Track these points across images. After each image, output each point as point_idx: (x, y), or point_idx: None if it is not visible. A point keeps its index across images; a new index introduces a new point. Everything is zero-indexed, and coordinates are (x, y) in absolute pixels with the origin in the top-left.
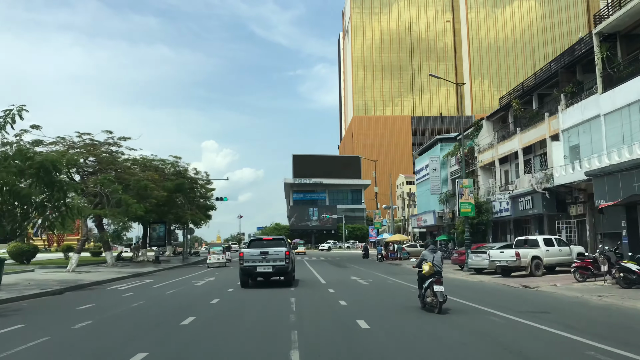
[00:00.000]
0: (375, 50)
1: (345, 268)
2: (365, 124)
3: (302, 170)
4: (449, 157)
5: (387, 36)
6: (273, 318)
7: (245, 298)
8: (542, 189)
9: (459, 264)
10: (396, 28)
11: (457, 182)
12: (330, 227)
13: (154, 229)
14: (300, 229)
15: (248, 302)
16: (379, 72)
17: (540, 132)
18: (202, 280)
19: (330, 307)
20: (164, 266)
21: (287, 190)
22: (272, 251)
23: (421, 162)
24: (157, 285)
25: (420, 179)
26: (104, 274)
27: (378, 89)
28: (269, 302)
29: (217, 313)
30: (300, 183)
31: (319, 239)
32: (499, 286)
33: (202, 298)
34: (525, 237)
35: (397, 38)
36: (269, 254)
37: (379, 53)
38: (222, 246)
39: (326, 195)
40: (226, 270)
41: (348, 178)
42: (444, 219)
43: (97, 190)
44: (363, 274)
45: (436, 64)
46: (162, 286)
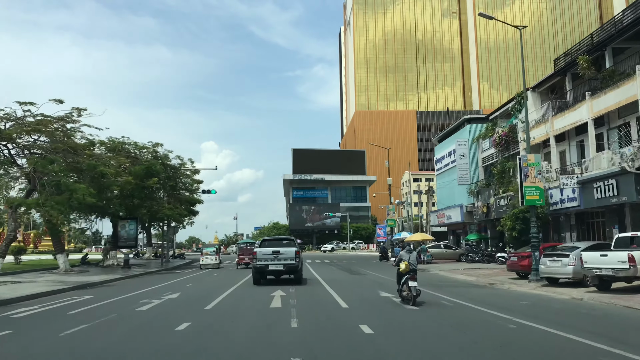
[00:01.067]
0: (378, 44)
1: (361, 276)
2: (368, 119)
3: (302, 165)
4: (480, 140)
5: (391, 30)
6: None
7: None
8: (635, 168)
9: (519, 270)
10: (400, 23)
11: (520, 158)
12: (332, 226)
13: (123, 226)
14: (300, 228)
15: None
16: (383, 65)
17: (626, 94)
18: (156, 300)
19: None
20: (133, 272)
21: (286, 187)
22: (283, 251)
23: (443, 149)
24: (79, 310)
25: (441, 169)
26: (38, 285)
27: (382, 83)
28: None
29: None
30: (301, 179)
31: (320, 240)
32: (627, 311)
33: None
34: (633, 234)
35: (401, 32)
36: (281, 254)
37: (383, 47)
38: (215, 247)
39: (328, 192)
40: (215, 276)
41: (352, 174)
42: (475, 215)
43: (30, 172)
44: (391, 285)
45: (442, 56)
46: (88, 311)
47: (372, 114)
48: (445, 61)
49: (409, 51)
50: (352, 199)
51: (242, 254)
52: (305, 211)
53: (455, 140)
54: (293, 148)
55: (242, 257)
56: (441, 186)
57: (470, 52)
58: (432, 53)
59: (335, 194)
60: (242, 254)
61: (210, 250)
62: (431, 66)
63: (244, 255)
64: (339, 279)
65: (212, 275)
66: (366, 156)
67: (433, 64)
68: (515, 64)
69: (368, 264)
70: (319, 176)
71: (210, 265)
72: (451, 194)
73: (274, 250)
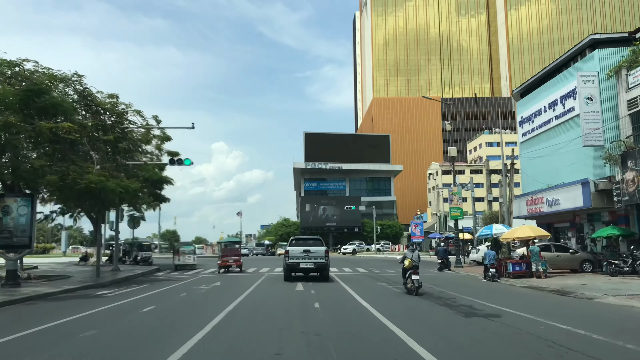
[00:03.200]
0: (399, 29)
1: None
2: (387, 107)
3: (316, 152)
4: (623, 71)
5: (413, 16)
6: None
7: None
8: None
9: None
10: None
11: None
12: (352, 223)
13: (6, 210)
14: (314, 226)
15: None
16: (403, 48)
17: None
18: None
19: None
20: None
21: (297, 178)
22: (314, 250)
23: (533, 101)
24: None
25: (532, 132)
26: None
27: (402, 69)
28: None
29: None
30: (314, 169)
31: (338, 240)
32: None
33: None
34: None
35: (424, 18)
36: (311, 252)
37: (404, 30)
38: (192, 246)
39: (346, 184)
40: (182, 297)
41: (374, 162)
42: (621, 193)
43: None
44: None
45: (468, 37)
46: None
47: (392, 101)
48: (472, 35)
49: (432, 38)
50: (374, 192)
51: (226, 256)
52: (319, 206)
53: (576, 74)
54: (305, 132)
55: (226, 260)
56: (527, 160)
57: (500, 34)
58: (457, 26)
59: (355, 186)
60: (225, 256)
61: (188, 249)
62: (456, 43)
63: (227, 257)
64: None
65: (178, 295)
66: (391, 142)
67: (458, 38)
68: (550, 45)
69: (429, 277)
70: (335, 165)
71: (187, 266)
72: (550, 170)
73: (305, 249)
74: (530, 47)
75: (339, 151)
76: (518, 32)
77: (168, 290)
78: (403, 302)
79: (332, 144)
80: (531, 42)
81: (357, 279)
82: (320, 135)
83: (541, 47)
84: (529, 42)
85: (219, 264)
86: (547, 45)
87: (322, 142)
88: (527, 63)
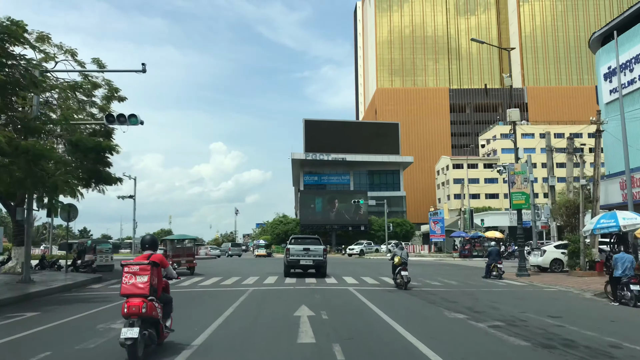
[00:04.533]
0: (404, 23)
1: None
2: (391, 97)
3: (317, 142)
4: None
5: (420, 10)
6: None
7: None
8: None
9: None
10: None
11: None
12: (358, 221)
13: None
14: (315, 223)
15: None
16: (409, 36)
17: None
18: None
19: None
20: None
21: (295, 171)
22: (313, 248)
23: (629, 44)
24: None
25: (626, 86)
26: None
27: (408, 57)
28: None
29: None
30: (315, 160)
31: (342, 239)
32: None
33: None
34: None
35: (431, 10)
36: (311, 250)
37: (410, 22)
38: (109, 244)
39: (350, 177)
40: None
41: (381, 154)
42: None
43: None
44: None
45: (476, 19)
46: None
47: (396, 92)
48: (482, 28)
49: (439, 29)
50: (381, 187)
51: (177, 256)
52: (320, 201)
53: None
54: (305, 119)
55: (177, 262)
56: (632, 119)
57: (511, 22)
58: (465, 24)
59: (360, 179)
60: (176, 256)
61: (106, 248)
62: (464, 27)
63: (179, 257)
64: None
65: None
66: (400, 132)
67: (466, 22)
68: (565, 30)
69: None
70: (338, 156)
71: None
72: None
73: (305, 247)
74: (543, 34)
75: (342, 141)
76: (531, 19)
77: (49, 333)
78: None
79: (335, 133)
80: (544, 30)
81: (401, 301)
82: (321, 122)
83: (555, 34)
84: (542, 29)
85: None
86: (562, 32)
87: (323, 130)
88: (541, 52)
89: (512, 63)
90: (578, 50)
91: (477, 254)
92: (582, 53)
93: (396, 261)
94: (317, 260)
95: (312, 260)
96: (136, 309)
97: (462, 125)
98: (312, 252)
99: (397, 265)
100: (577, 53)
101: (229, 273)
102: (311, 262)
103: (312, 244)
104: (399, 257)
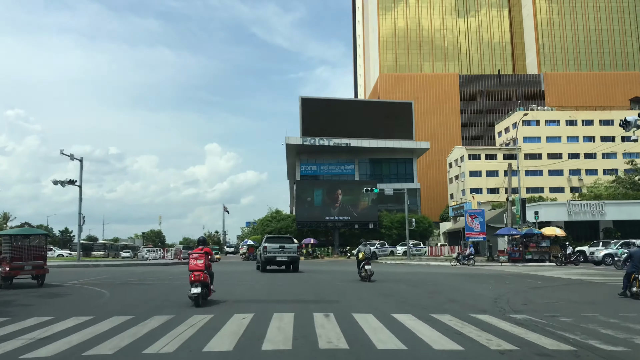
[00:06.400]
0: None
1: None
2: (395, 84)
3: (316, 124)
4: None
5: None
6: None
7: None
8: None
9: None
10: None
11: None
12: (366, 217)
13: None
14: (313, 220)
15: None
16: (415, 16)
17: None
18: None
19: None
20: None
21: (291, 159)
22: (288, 245)
23: None
24: None
25: None
26: None
27: (414, 40)
28: None
29: None
30: (313, 145)
31: (347, 238)
32: None
33: None
34: None
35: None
36: (286, 248)
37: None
38: None
39: (355, 166)
40: None
41: (392, 138)
42: None
43: None
44: None
45: (487, 9)
46: None
47: (401, 77)
48: (492, 6)
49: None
50: (391, 178)
51: (17, 260)
52: (320, 193)
53: None
54: (302, 96)
55: (18, 266)
56: None
57: (524, 4)
58: (475, 8)
59: (366, 169)
60: (16, 259)
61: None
62: (474, 10)
63: (23, 261)
64: None
65: None
66: (414, 112)
67: (476, 7)
68: (584, 14)
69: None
70: (341, 141)
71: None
72: None
73: (280, 245)
74: (561, 16)
75: (345, 123)
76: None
77: None
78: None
79: (337, 114)
80: (562, 12)
81: None
82: (321, 101)
83: (574, 16)
84: (560, 11)
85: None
86: (581, 14)
87: (323, 111)
88: (558, 35)
89: (527, 47)
90: (599, 34)
91: (531, 257)
92: (604, 36)
93: (360, 257)
94: (292, 257)
95: (287, 257)
96: (197, 277)
97: (473, 115)
98: (287, 249)
99: (362, 260)
100: (598, 36)
101: (120, 303)
102: (286, 258)
103: (286, 242)
104: (363, 253)
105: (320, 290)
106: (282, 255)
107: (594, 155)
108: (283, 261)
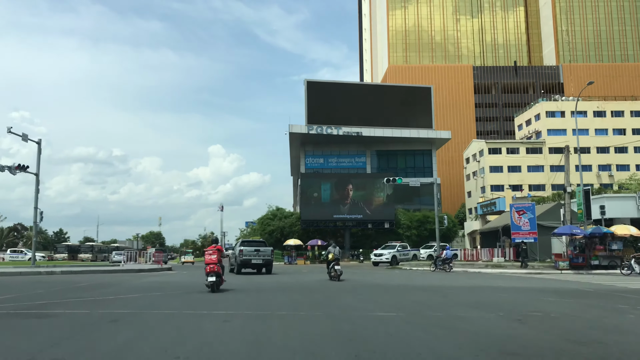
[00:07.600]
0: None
1: None
2: (406, 76)
3: (323, 111)
4: None
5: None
6: None
7: None
8: None
9: None
10: None
11: None
12: (380, 216)
13: None
14: (320, 219)
15: None
16: (426, 15)
17: None
18: None
19: None
20: None
21: (294, 151)
22: (262, 249)
23: None
24: None
25: None
26: None
27: (425, 29)
28: None
29: None
30: (320, 135)
31: (359, 239)
32: None
33: None
34: None
35: None
36: (261, 251)
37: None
38: None
39: (366, 158)
40: None
41: (408, 127)
42: None
43: None
44: None
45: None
46: None
47: (411, 69)
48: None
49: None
50: (407, 172)
51: None
52: (328, 187)
53: None
54: (308, 80)
55: None
56: None
57: None
58: None
59: (379, 162)
60: None
61: None
62: (488, 13)
63: None
64: None
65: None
66: (433, 98)
67: (490, 6)
68: (606, 1)
69: None
70: (351, 129)
71: None
72: None
73: (255, 249)
74: (581, 4)
75: (356, 110)
76: None
77: None
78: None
79: (347, 101)
80: None
81: None
82: (329, 85)
83: (595, 4)
84: None
85: None
86: (602, 1)
87: (331, 96)
88: (578, 25)
89: (544, 38)
90: (622, 22)
91: (598, 263)
92: (627, 25)
93: (330, 257)
94: (266, 259)
95: (262, 259)
96: (212, 268)
97: (489, 109)
98: (262, 252)
99: (331, 260)
100: (620, 25)
101: None
102: (261, 261)
103: (261, 246)
104: (333, 254)
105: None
106: (257, 258)
107: (625, 149)
108: (258, 264)
